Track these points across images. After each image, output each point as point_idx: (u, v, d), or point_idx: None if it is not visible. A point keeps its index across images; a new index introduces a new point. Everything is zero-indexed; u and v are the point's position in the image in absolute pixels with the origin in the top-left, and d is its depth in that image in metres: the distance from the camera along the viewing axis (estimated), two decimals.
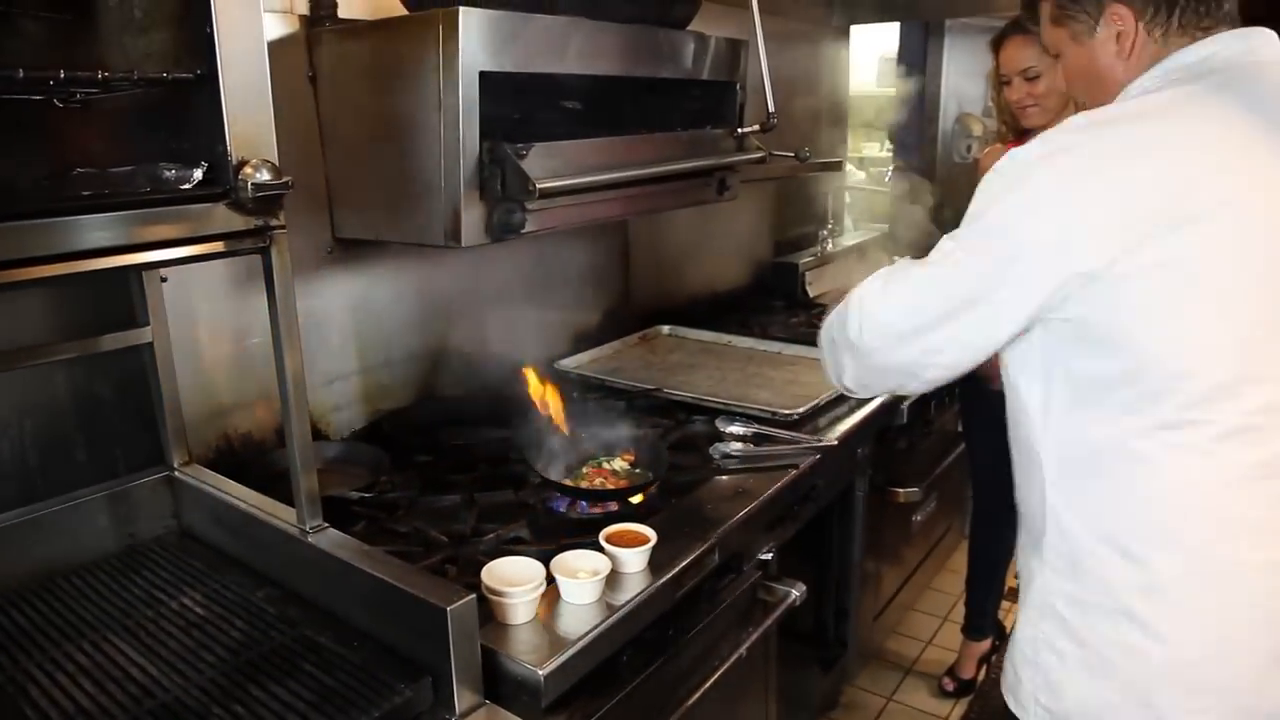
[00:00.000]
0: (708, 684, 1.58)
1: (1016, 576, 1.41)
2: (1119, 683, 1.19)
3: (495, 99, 1.54)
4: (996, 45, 2.28)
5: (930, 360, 1.24)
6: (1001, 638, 2.83)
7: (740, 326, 2.98)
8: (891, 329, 1.26)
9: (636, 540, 1.45)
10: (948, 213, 4.21)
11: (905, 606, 2.97)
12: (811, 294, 3.46)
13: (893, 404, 2.32)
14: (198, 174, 1.13)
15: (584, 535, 1.51)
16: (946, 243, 1.22)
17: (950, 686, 2.84)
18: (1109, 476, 1.17)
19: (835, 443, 1.97)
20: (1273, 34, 1.22)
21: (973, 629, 2.83)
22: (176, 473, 1.58)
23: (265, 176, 1.14)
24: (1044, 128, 2.14)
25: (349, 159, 1.76)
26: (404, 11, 1.69)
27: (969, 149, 4.27)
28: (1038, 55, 2.13)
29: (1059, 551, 1.23)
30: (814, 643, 2.50)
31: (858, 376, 1.36)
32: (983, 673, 2.86)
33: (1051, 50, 1.35)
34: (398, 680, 1.16)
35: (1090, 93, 1.31)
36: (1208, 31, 1.20)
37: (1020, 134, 2.23)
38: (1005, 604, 2.95)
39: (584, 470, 1.80)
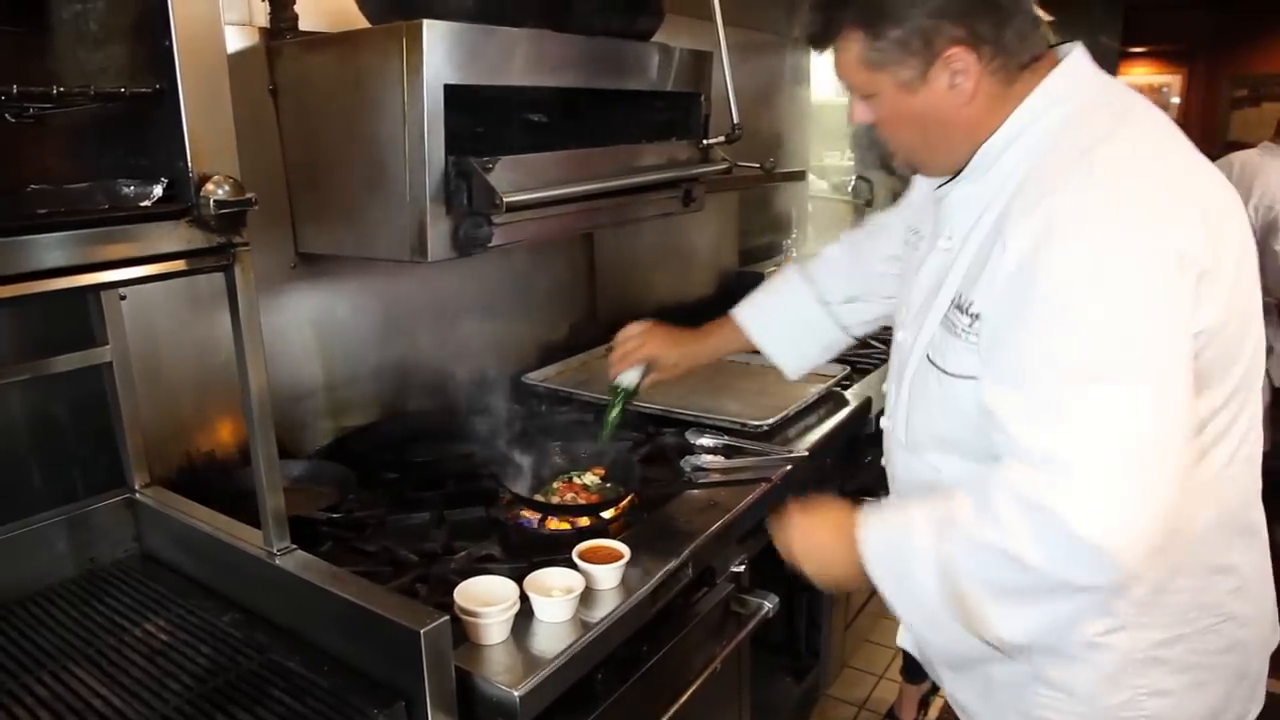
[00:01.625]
0: (683, 699, 1.56)
1: None
2: (1224, 678, 1.25)
3: (460, 112, 1.53)
4: None
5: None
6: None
7: None
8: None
9: (610, 556, 1.43)
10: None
11: (877, 615, 2.98)
12: None
13: (861, 414, 2.33)
14: (158, 191, 1.11)
15: (556, 552, 1.50)
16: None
17: None
18: (1193, 508, 1.15)
19: (806, 453, 1.97)
20: (1077, 51, 1.20)
21: (911, 671, 2.70)
22: (138, 495, 1.54)
23: (227, 193, 1.12)
24: None
25: (312, 173, 1.74)
26: (366, 24, 1.67)
27: None
28: None
29: (1140, 607, 1.18)
30: (787, 653, 2.50)
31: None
32: (925, 713, 2.79)
33: (861, 92, 1.21)
34: (370, 705, 1.14)
35: (918, 137, 1.22)
36: (1032, 64, 1.17)
37: None
38: None
39: (554, 485, 1.79)
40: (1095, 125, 1.13)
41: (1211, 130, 7.28)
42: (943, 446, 1.27)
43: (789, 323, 1.81)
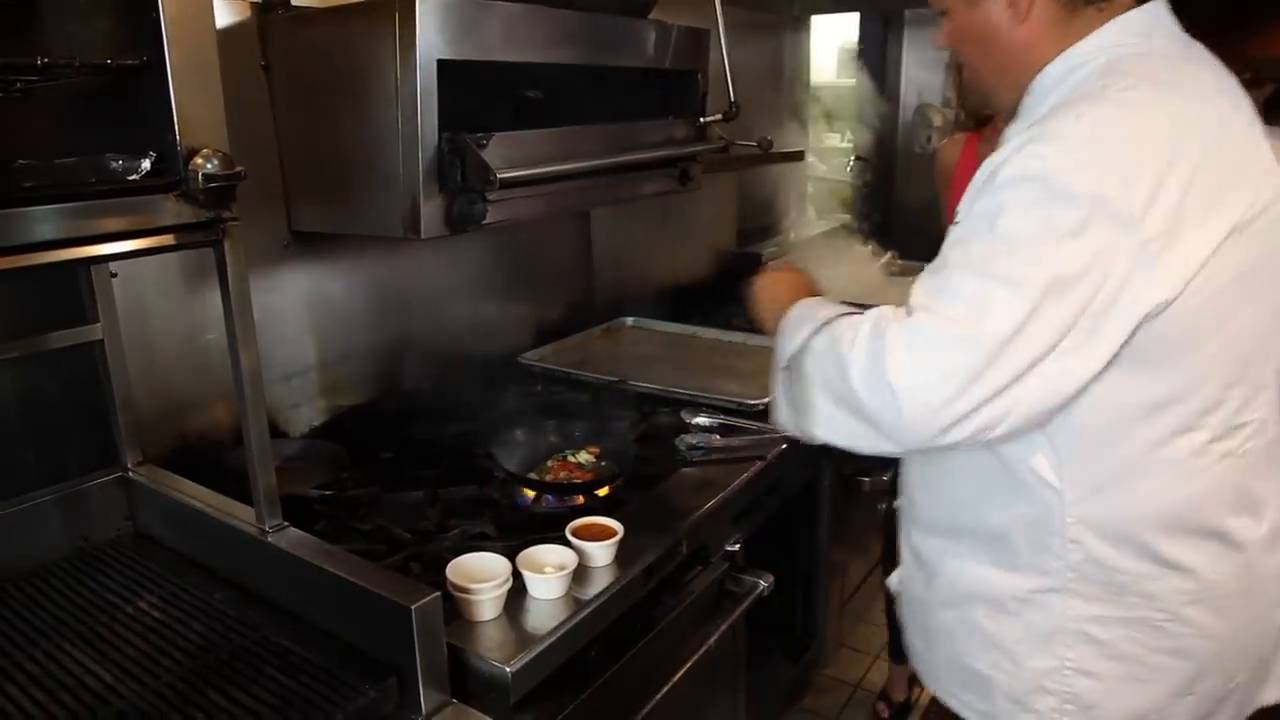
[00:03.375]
0: (676, 677, 1.57)
1: None
2: (1166, 683, 1.20)
3: (454, 88, 1.51)
4: None
5: None
6: None
7: (704, 317, 2.97)
8: None
9: (604, 533, 1.43)
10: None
11: (872, 594, 2.99)
12: None
13: None
14: (145, 164, 1.09)
15: (550, 530, 1.49)
16: None
17: (885, 712, 2.77)
18: (1144, 490, 1.15)
19: None
20: (1162, 11, 1.17)
21: (896, 650, 2.69)
22: (130, 473, 1.53)
23: (216, 167, 1.10)
24: (996, 125, 2.15)
25: (305, 150, 1.73)
26: None
27: (929, 139, 4.30)
28: None
29: (1085, 576, 1.18)
30: (782, 633, 2.50)
31: None
32: (916, 692, 2.78)
33: (936, 7, 1.27)
34: (362, 681, 1.14)
35: (981, 59, 1.25)
36: (1102, 2, 1.15)
37: (980, 123, 2.23)
38: None
39: (549, 464, 1.79)
40: (1123, 76, 1.11)
41: None
42: None
43: None
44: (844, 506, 2.47)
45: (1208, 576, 1.17)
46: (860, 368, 1.11)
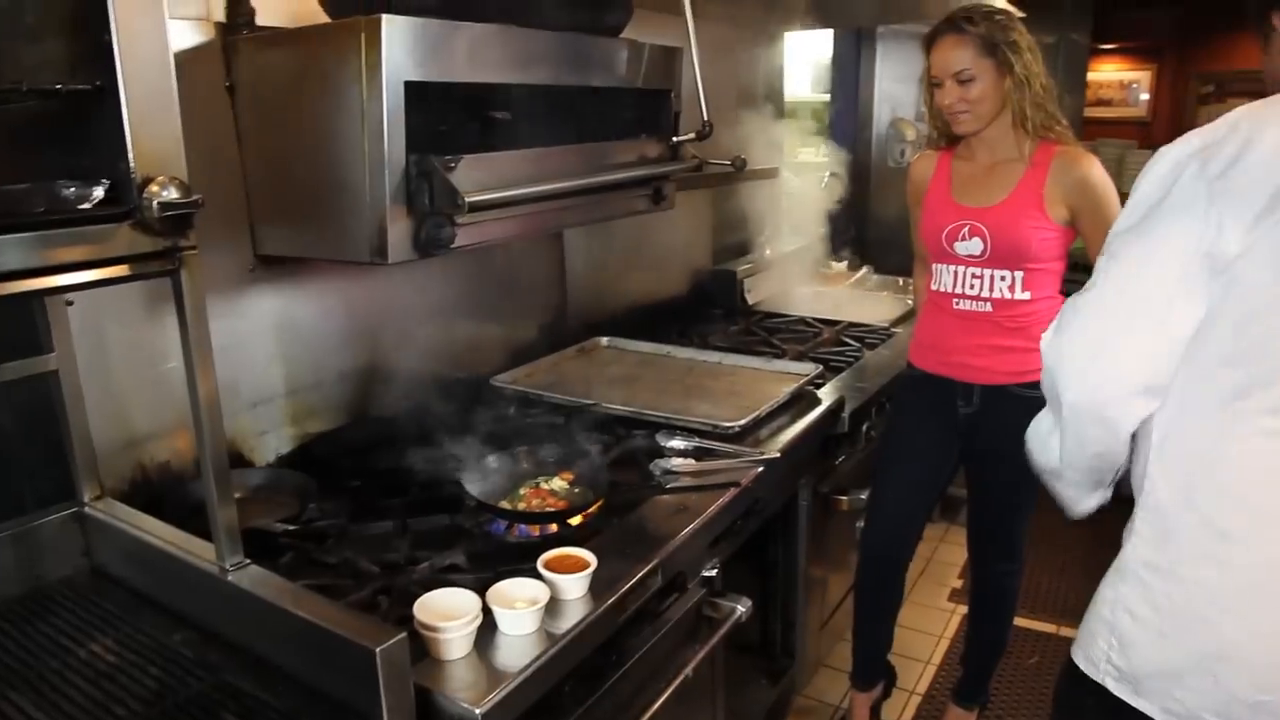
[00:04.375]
0: (653, 708, 1.53)
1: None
2: (1189, 650, 1.20)
3: (422, 109, 1.49)
4: (928, 45, 2.09)
5: None
6: (893, 681, 2.69)
7: (679, 336, 2.96)
8: None
9: (576, 565, 1.40)
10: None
11: (851, 613, 2.97)
12: (750, 301, 3.46)
13: (834, 413, 2.31)
14: (99, 192, 1.06)
15: (523, 560, 1.46)
16: None
17: None
18: (1211, 456, 1.18)
19: (778, 455, 1.94)
20: None
21: (859, 676, 2.58)
22: (87, 508, 1.48)
23: (173, 194, 1.07)
24: (976, 135, 2.14)
25: (270, 173, 1.69)
26: (326, 19, 1.62)
27: (902, 154, 4.32)
28: (973, 57, 2.01)
29: (1149, 521, 1.25)
30: (761, 655, 2.48)
31: None
32: None
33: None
34: None
35: None
36: None
37: (952, 140, 2.22)
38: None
39: (521, 491, 1.75)
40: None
41: (1179, 125, 7.38)
42: None
43: None
44: (822, 526, 2.46)
45: (1236, 561, 1.17)
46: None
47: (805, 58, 4.23)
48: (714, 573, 1.80)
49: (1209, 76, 7.65)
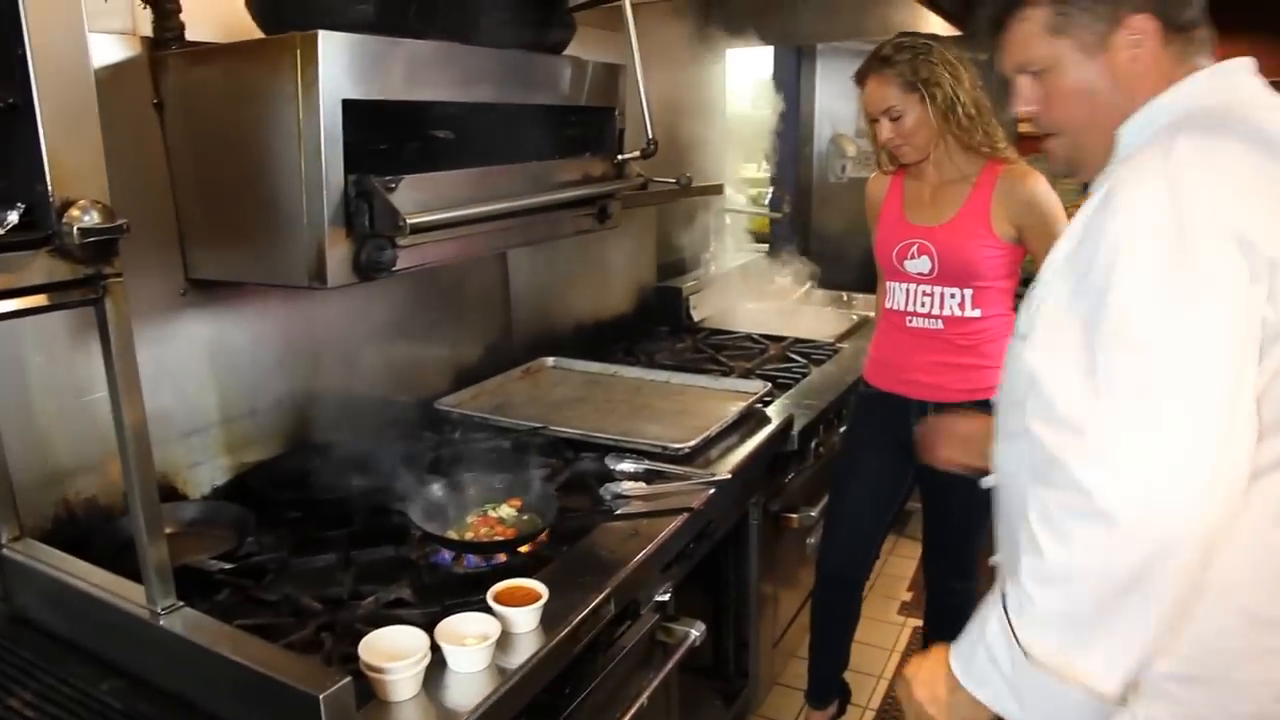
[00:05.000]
0: None
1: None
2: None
3: (361, 128, 1.44)
4: (859, 82, 2.16)
5: None
6: (848, 698, 2.70)
7: (626, 355, 2.94)
8: None
9: (527, 597, 1.36)
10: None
11: (804, 629, 2.95)
12: (696, 318, 3.44)
13: (784, 431, 2.30)
14: (13, 217, 0.99)
15: (472, 592, 1.42)
16: None
17: None
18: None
19: (729, 475, 1.92)
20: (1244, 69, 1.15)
21: (814, 695, 2.62)
22: (4, 550, 1.39)
23: (95, 219, 1.01)
24: (919, 164, 2.17)
25: (201, 194, 1.62)
26: (259, 33, 1.56)
27: (843, 169, 4.36)
28: (897, 94, 2.05)
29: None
30: (715, 676, 2.45)
31: None
32: None
33: (1038, 65, 1.19)
34: None
35: (1093, 121, 1.18)
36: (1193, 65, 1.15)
37: (900, 165, 2.23)
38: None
39: (469, 520, 1.70)
40: (1208, 118, 1.09)
41: None
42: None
43: None
44: (773, 544, 2.44)
45: None
46: None
47: (747, 74, 4.24)
48: (666, 597, 1.77)
49: None
